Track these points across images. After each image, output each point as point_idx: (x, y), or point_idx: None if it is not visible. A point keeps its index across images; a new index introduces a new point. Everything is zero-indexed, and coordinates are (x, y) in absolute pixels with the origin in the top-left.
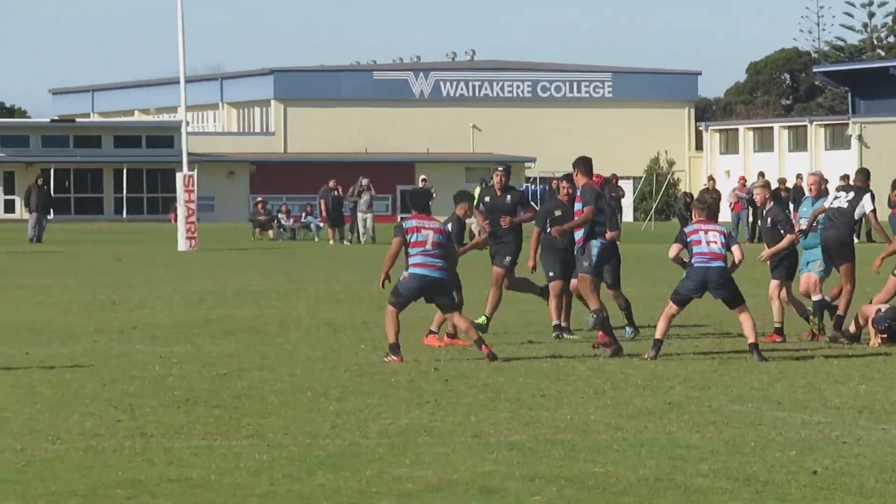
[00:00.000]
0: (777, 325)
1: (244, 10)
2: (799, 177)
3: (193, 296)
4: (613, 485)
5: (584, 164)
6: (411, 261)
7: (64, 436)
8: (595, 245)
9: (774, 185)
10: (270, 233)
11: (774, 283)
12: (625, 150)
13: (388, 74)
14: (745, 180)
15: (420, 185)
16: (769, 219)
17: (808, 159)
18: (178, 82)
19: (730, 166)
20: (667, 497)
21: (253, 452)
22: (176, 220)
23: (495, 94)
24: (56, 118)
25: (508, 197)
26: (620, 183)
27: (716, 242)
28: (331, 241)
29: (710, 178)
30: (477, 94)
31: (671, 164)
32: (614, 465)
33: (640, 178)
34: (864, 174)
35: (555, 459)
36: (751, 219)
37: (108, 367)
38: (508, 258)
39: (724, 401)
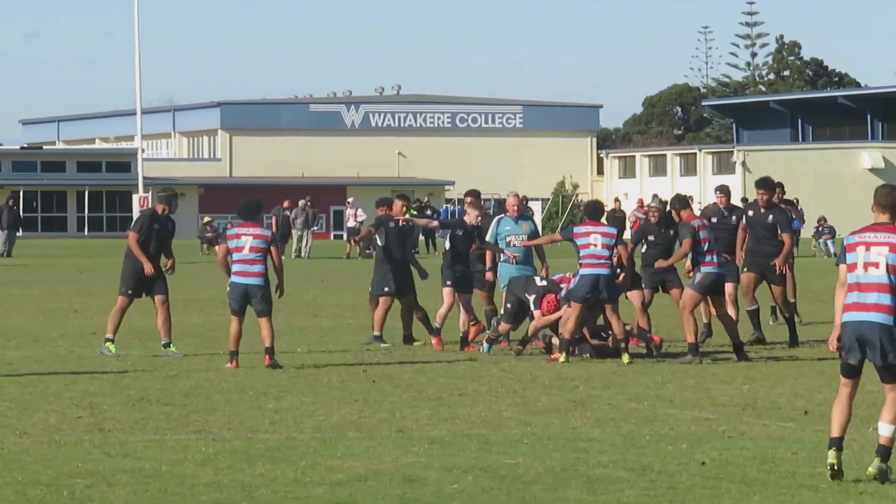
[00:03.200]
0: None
1: (195, 47)
2: (690, 198)
3: (145, 303)
4: (523, 475)
5: (679, 202)
6: (233, 268)
7: (30, 430)
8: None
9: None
10: (217, 248)
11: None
12: (534, 175)
13: (322, 107)
14: (643, 202)
15: (346, 205)
16: (671, 231)
17: (698, 183)
18: (134, 113)
19: (628, 189)
20: (571, 486)
21: (200, 445)
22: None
23: (419, 125)
24: (25, 146)
25: None
26: (530, 204)
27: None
28: None
29: (616, 200)
30: (402, 124)
31: (575, 187)
32: (524, 457)
33: (548, 199)
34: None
35: (471, 452)
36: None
37: (70, 368)
38: None
39: (623, 399)
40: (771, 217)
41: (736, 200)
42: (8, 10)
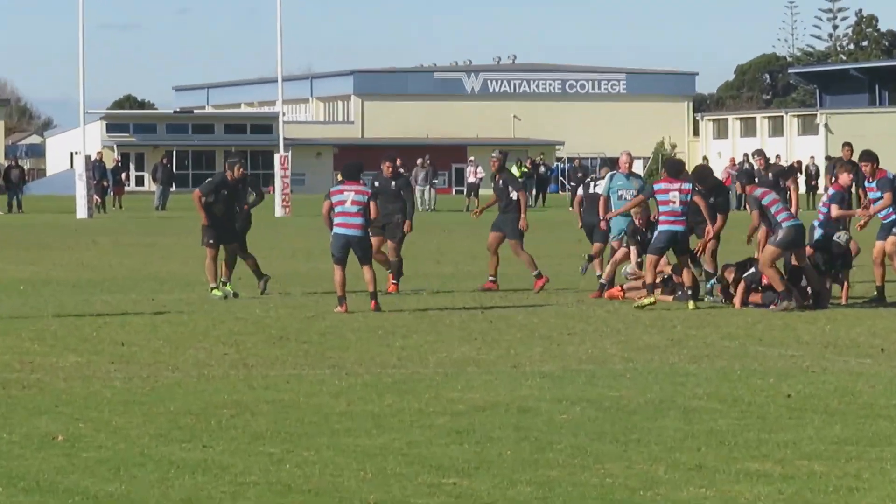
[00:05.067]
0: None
1: (330, 20)
2: (778, 157)
3: (287, 252)
4: (626, 405)
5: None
6: (335, 220)
7: (181, 365)
8: None
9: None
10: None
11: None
12: (636, 136)
13: (445, 75)
14: (735, 161)
15: (468, 164)
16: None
17: (784, 143)
18: (276, 81)
19: (721, 149)
20: (669, 416)
21: (334, 379)
22: (273, 191)
23: (532, 91)
24: (178, 110)
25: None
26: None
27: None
28: None
29: (704, 158)
30: (517, 90)
31: (674, 146)
32: (626, 390)
33: (649, 158)
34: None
35: (578, 385)
36: (739, 191)
37: (217, 310)
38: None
39: (716, 338)
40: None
41: (820, 160)
42: None
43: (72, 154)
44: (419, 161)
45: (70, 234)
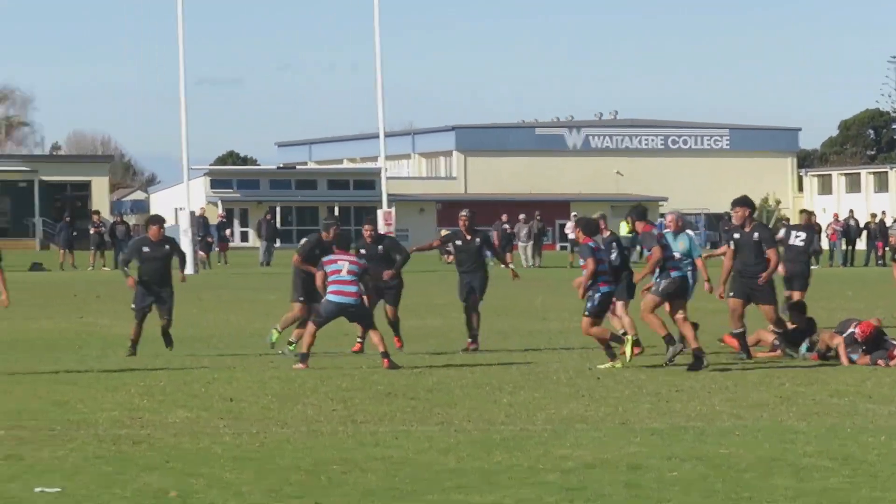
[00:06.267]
0: (635, 338)
1: (431, 77)
2: (883, 213)
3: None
4: (736, 463)
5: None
6: (329, 288)
7: (290, 422)
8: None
9: (865, 221)
10: (449, 257)
11: (620, 303)
12: (739, 192)
13: (547, 130)
14: (838, 216)
15: (572, 219)
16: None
17: (890, 199)
18: (378, 137)
19: (825, 205)
20: (780, 474)
21: (443, 436)
22: None
23: (634, 146)
24: (281, 166)
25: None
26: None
27: None
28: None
29: (809, 213)
30: (619, 146)
31: (778, 202)
32: (736, 447)
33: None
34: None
35: (688, 442)
36: (844, 247)
37: (324, 366)
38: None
39: (825, 395)
40: (756, 235)
41: None
42: (265, 46)
43: (176, 210)
44: (521, 217)
45: (175, 289)
